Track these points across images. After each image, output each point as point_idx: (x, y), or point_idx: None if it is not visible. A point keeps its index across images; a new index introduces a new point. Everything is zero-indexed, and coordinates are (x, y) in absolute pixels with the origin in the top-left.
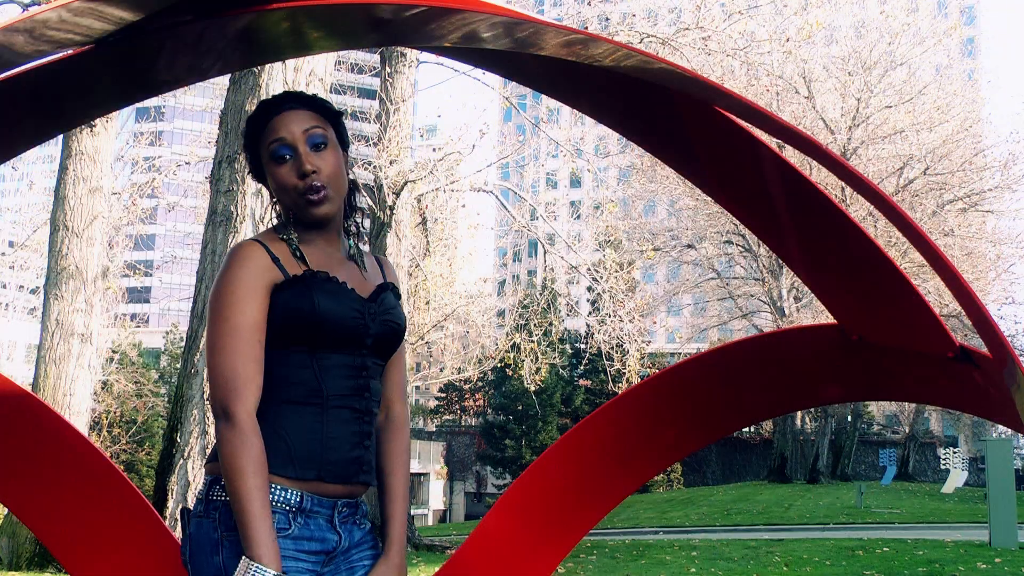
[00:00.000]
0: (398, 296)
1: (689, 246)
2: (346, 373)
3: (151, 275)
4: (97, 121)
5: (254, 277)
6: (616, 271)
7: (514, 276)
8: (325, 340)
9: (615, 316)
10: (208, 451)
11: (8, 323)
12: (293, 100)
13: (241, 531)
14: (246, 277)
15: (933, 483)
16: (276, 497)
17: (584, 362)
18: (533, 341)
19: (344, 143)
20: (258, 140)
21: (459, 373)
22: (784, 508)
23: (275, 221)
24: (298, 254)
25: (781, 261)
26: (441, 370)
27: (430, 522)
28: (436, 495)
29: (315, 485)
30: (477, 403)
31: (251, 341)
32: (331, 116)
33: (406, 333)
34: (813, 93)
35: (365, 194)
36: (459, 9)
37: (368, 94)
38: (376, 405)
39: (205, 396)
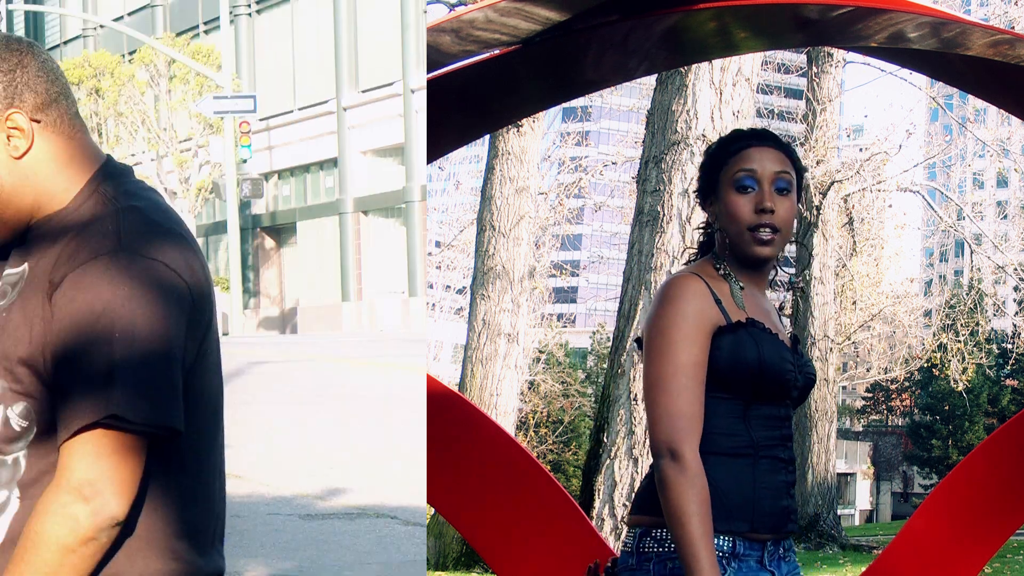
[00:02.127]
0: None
1: None
2: (773, 424)
3: (577, 275)
4: (523, 121)
5: (698, 317)
6: None
7: (940, 276)
8: (762, 392)
9: None
10: (634, 453)
11: (436, 323)
12: (771, 139)
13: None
14: (691, 315)
15: None
16: None
17: (1011, 362)
18: (960, 341)
19: (798, 196)
20: (721, 163)
21: (885, 373)
22: None
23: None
24: (738, 297)
25: None
26: (868, 370)
27: (856, 522)
28: (863, 495)
29: (746, 535)
30: (904, 403)
31: (697, 381)
32: (798, 167)
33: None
34: None
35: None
36: (886, 9)
37: (794, 94)
38: (793, 455)
39: (631, 396)
